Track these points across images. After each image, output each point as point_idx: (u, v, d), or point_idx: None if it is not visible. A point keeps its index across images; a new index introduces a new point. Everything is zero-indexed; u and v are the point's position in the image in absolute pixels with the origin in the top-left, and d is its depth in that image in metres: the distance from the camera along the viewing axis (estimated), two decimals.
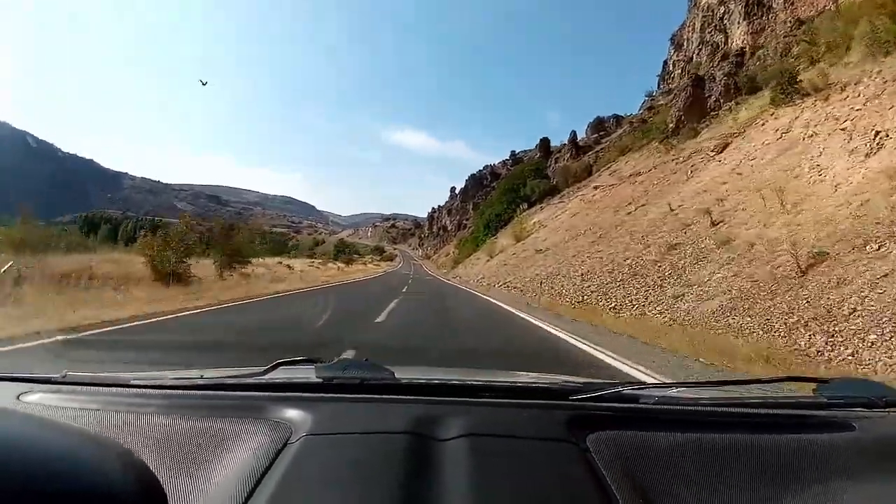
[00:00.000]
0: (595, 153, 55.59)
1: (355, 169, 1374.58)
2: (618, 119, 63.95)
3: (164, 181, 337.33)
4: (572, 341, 6.62)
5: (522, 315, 10.18)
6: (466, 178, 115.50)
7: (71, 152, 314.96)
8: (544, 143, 68.58)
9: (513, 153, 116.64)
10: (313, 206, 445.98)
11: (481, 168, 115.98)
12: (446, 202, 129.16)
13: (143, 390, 0.95)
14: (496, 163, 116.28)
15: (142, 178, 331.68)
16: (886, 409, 0.89)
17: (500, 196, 57.80)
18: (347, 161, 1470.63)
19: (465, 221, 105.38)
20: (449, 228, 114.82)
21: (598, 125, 63.79)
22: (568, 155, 59.29)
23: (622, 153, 39.17)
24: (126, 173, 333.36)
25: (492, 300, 14.45)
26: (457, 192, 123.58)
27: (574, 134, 60.59)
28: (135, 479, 0.47)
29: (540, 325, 8.53)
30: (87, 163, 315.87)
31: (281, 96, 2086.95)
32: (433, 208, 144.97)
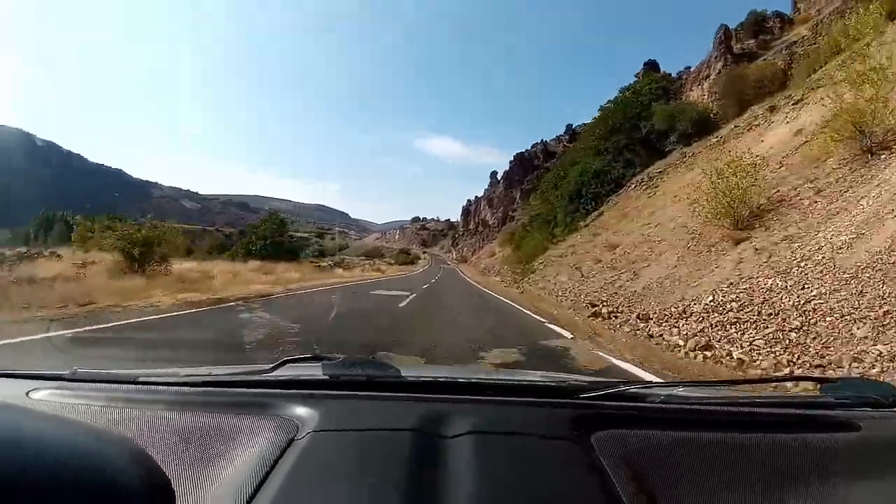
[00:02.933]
0: (786, 47, 28.57)
1: (391, 179, 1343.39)
2: (782, 17, 36.54)
3: (194, 190, 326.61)
4: None
5: None
6: (511, 157, 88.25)
7: (98, 162, 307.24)
8: (652, 66, 41.54)
9: (570, 126, 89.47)
10: (347, 214, 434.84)
11: (530, 146, 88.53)
12: (486, 191, 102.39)
13: (152, 387, 0.94)
14: (549, 139, 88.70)
15: (171, 187, 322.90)
16: (893, 410, 0.86)
17: (597, 144, 31.28)
18: (383, 171, 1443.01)
19: (511, 213, 78.71)
20: (490, 223, 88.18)
21: (755, 25, 36.26)
22: (720, 65, 32.30)
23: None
24: (156, 183, 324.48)
25: None
26: (499, 177, 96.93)
27: (725, 33, 33.36)
28: (143, 474, 0.46)
29: None
30: (115, 173, 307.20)
31: (317, 111, 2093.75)
32: (468, 201, 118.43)
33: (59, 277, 8.82)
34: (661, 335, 5.95)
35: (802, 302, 4.95)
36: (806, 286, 5.20)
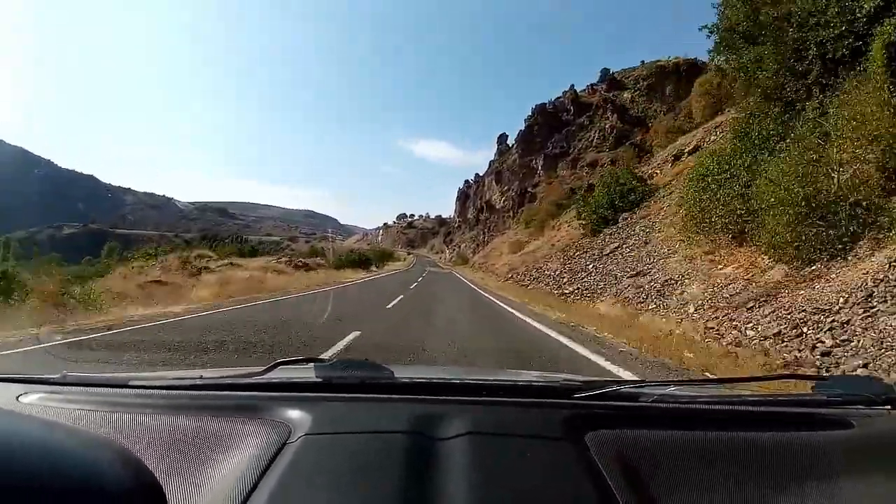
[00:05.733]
0: None
1: (382, 184, 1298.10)
2: None
3: (169, 196, 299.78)
4: None
5: None
6: (528, 114, 61.05)
7: (69, 168, 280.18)
8: None
9: (606, 71, 63.09)
10: (337, 220, 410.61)
11: (554, 98, 61.54)
12: (491, 163, 75.26)
13: (142, 390, 0.92)
14: (581, 88, 61.85)
15: (145, 193, 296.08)
16: (886, 407, 0.85)
17: None
18: (374, 177, 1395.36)
19: (531, 189, 51.93)
20: (499, 206, 61.30)
21: None
22: None
23: None
24: (129, 188, 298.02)
25: None
26: (510, 141, 69.67)
27: None
28: (133, 478, 0.45)
29: None
30: (86, 179, 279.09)
31: (307, 117, 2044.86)
32: (466, 182, 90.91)
33: None
34: None
35: None
36: None
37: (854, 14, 7.65)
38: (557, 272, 17.02)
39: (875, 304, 4.96)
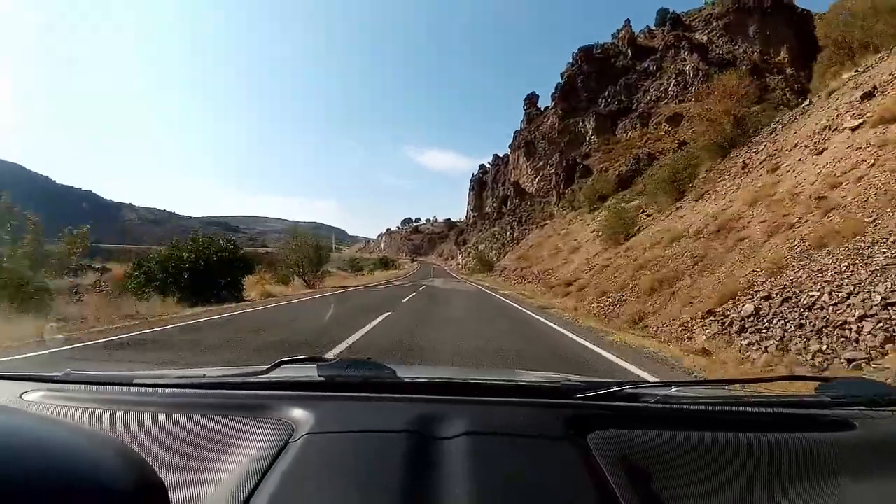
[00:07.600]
0: None
1: (389, 195, 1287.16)
2: None
3: (171, 210, 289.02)
4: None
5: None
6: (570, 61, 45.01)
7: (67, 184, 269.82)
8: None
9: (664, 11, 47.16)
10: (344, 231, 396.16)
11: (606, 41, 45.68)
12: (517, 133, 58.29)
13: (146, 389, 0.92)
14: (639, 31, 45.81)
15: (145, 208, 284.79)
16: (889, 409, 0.84)
17: None
18: (382, 188, 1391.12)
19: (581, 160, 35.81)
20: (533, 188, 45.00)
21: None
22: None
23: None
24: (129, 204, 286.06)
25: None
26: (543, 102, 53.38)
27: None
28: (137, 476, 0.45)
29: None
30: (85, 195, 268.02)
31: (315, 131, 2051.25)
32: (482, 167, 74.80)
33: None
34: None
35: None
36: None
37: None
38: None
39: None
